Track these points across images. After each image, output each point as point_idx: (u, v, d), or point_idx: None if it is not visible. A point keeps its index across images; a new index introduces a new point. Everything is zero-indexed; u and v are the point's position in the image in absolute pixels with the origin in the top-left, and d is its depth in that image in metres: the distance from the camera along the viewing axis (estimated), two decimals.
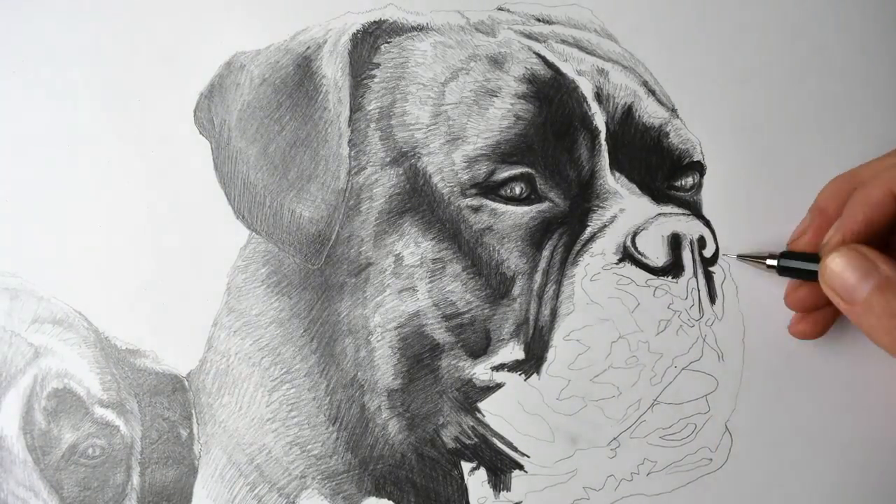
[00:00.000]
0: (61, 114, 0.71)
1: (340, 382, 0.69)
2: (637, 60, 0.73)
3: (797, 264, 0.67)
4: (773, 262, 0.68)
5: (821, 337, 0.70)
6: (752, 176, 0.73)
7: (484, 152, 0.68)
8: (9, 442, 0.67)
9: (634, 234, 0.68)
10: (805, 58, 0.74)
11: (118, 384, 0.70)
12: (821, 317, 0.69)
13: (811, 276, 0.66)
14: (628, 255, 0.67)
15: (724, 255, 0.70)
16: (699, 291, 0.69)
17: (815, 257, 0.67)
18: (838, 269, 0.62)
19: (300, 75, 0.70)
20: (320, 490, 0.70)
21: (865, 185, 0.65)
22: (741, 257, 0.70)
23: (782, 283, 0.71)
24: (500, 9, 0.74)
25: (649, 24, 0.74)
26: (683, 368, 0.68)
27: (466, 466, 0.70)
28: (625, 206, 0.68)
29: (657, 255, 0.67)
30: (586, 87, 0.70)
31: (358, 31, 0.70)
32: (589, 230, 0.68)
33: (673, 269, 0.68)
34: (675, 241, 0.68)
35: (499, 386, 0.68)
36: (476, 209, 0.68)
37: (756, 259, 0.69)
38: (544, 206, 0.68)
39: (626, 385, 0.67)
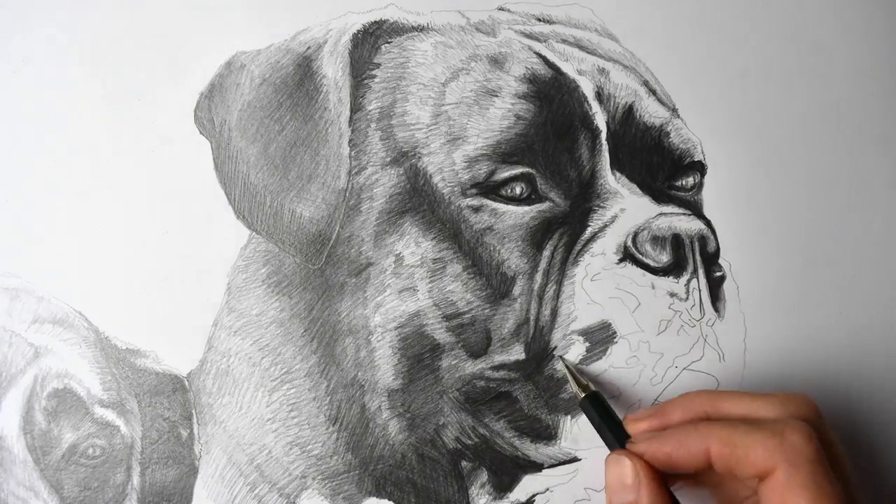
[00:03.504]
0: (61, 114, 0.71)
1: (341, 382, 0.69)
2: (638, 60, 0.73)
3: (610, 437, 0.65)
4: (582, 394, 0.66)
5: None
6: (752, 176, 0.73)
7: (484, 152, 0.68)
8: (9, 442, 0.67)
9: (635, 234, 0.68)
10: (805, 58, 0.74)
11: (118, 384, 0.70)
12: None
13: (609, 445, 0.65)
14: (629, 254, 0.68)
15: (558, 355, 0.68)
16: (700, 291, 0.69)
17: (625, 438, 0.64)
18: (615, 468, 0.63)
19: (301, 75, 0.70)
20: (320, 490, 0.70)
21: (697, 429, 0.62)
22: (567, 368, 0.67)
23: (782, 283, 0.71)
24: (501, 9, 0.74)
25: (650, 23, 0.74)
26: (684, 369, 0.68)
27: (467, 467, 0.70)
28: (625, 206, 0.68)
29: (658, 254, 0.67)
30: (587, 87, 0.70)
31: (358, 31, 0.70)
32: (589, 230, 0.68)
33: (674, 269, 0.68)
34: (675, 241, 0.68)
35: (500, 387, 0.68)
36: (476, 209, 0.68)
37: (575, 378, 0.67)
38: (545, 205, 0.68)
39: (627, 385, 0.67)
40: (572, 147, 0.69)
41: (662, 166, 0.71)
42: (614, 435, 0.65)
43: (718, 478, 0.64)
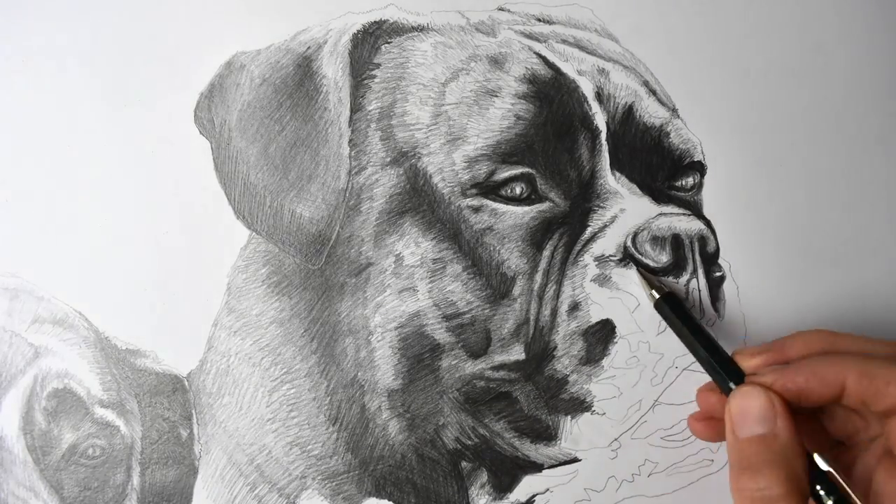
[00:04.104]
0: (61, 114, 0.71)
1: (341, 383, 0.69)
2: (638, 60, 0.73)
3: (719, 373, 0.64)
4: (655, 296, 0.66)
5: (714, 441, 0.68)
6: (752, 176, 0.73)
7: (484, 152, 0.68)
8: (9, 442, 0.67)
9: (635, 234, 0.68)
10: (805, 58, 0.74)
11: (118, 384, 0.70)
12: (720, 427, 0.65)
13: (725, 388, 0.63)
14: (629, 255, 0.67)
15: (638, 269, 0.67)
16: (700, 291, 0.69)
17: (739, 375, 0.63)
18: (746, 401, 0.61)
19: (300, 75, 0.70)
20: (320, 490, 0.70)
21: (830, 357, 0.62)
22: (639, 272, 0.67)
23: (782, 282, 0.71)
24: (501, 9, 0.74)
25: (649, 24, 0.74)
26: (684, 369, 0.68)
27: (467, 467, 0.70)
28: (625, 206, 0.68)
29: (658, 255, 0.67)
30: (587, 87, 0.70)
31: (358, 31, 0.70)
32: (589, 230, 0.68)
33: (674, 269, 0.68)
34: (675, 241, 0.68)
35: (500, 387, 0.68)
36: (476, 209, 0.68)
37: (647, 283, 0.67)
38: (545, 206, 0.68)
39: (627, 385, 0.67)
40: (572, 147, 0.69)
41: (662, 166, 0.71)
42: (724, 370, 0.63)
43: (840, 414, 0.63)
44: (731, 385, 0.62)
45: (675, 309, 0.66)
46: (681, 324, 0.65)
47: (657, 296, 0.66)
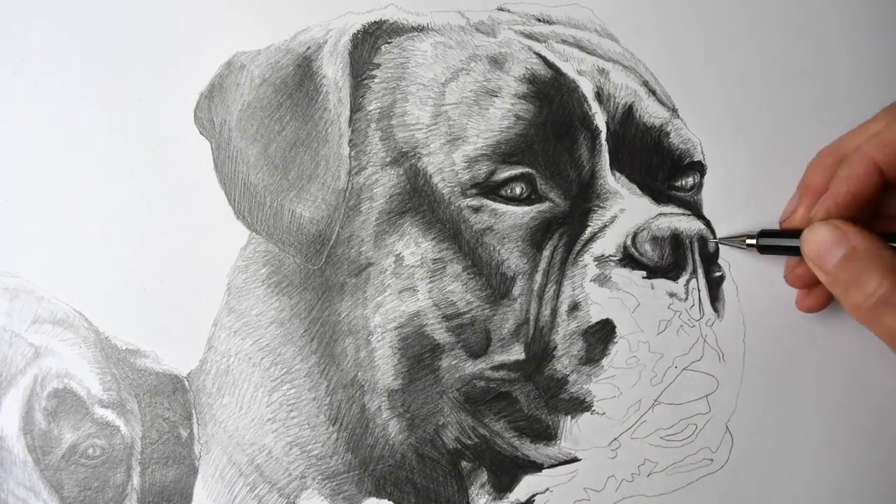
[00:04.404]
0: (61, 114, 0.71)
1: (341, 383, 0.69)
2: (637, 60, 0.73)
3: (777, 241, 0.68)
4: (753, 242, 0.69)
5: (823, 309, 0.71)
6: (752, 176, 0.73)
7: (484, 152, 0.68)
8: (9, 442, 0.67)
9: (635, 234, 0.67)
10: (805, 58, 0.74)
11: (118, 384, 0.70)
12: (823, 292, 0.69)
13: (795, 252, 0.67)
14: (628, 255, 0.67)
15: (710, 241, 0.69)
16: (699, 291, 0.69)
17: (794, 233, 0.67)
18: (813, 241, 0.64)
19: (300, 75, 0.70)
20: (320, 490, 0.70)
21: (849, 157, 0.66)
22: (722, 241, 0.70)
23: (782, 283, 0.71)
24: (501, 9, 0.74)
25: (649, 24, 0.74)
26: (684, 369, 0.68)
27: (467, 467, 0.70)
28: (625, 206, 0.68)
29: (657, 255, 0.67)
30: (587, 87, 0.70)
31: (358, 31, 0.70)
32: (589, 230, 0.68)
33: (673, 269, 0.68)
34: (675, 241, 0.68)
35: (500, 387, 0.68)
36: (476, 209, 0.68)
37: (736, 239, 0.70)
38: (545, 206, 0.68)
39: (627, 385, 0.67)
40: (572, 147, 0.69)
41: (662, 166, 0.71)
42: (779, 237, 0.68)
43: (892, 193, 0.67)
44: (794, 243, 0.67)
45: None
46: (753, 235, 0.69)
47: (753, 242, 0.69)
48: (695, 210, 0.71)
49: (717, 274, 0.69)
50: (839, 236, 0.63)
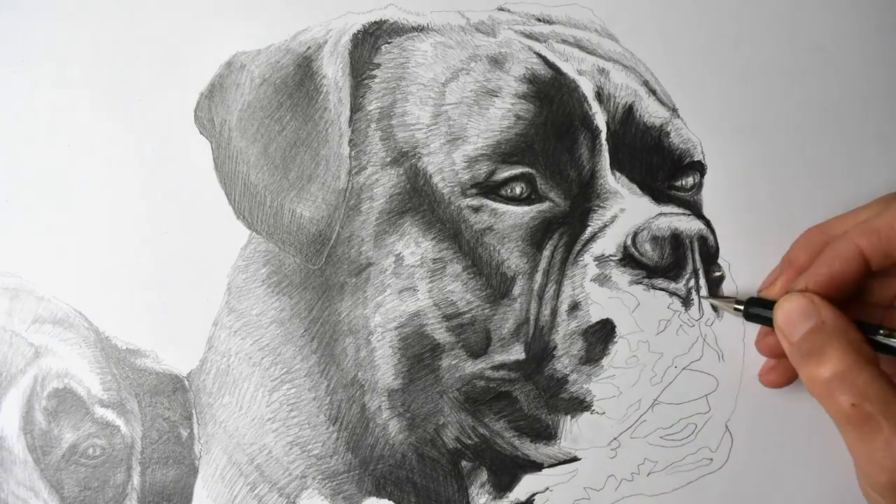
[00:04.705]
0: (61, 114, 0.71)
1: (341, 382, 0.69)
2: (638, 60, 0.73)
3: (760, 311, 0.67)
4: (740, 307, 0.68)
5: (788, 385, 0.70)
6: (752, 176, 0.73)
7: (484, 152, 0.68)
8: (9, 442, 0.67)
9: (635, 234, 0.68)
10: (805, 58, 0.74)
11: (118, 384, 0.70)
12: (788, 367, 0.68)
13: (769, 322, 0.67)
14: (629, 254, 0.67)
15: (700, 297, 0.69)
16: (699, 291, 0.69)
17: (773, 303, 0.67)
18: (785, 309, 0.64)
19: (301, 75, 0.70)
20: (320, 490, 0.70)
21: (835, 240, 0.66)
22: (711, 299, 0.69)
23: None
24: (501, 9, 0.74)
25: (649, 24, 0.74)
26: (684, 368, 0.68)
27: (467, 466, 0.70)
28: (625, 206, 0.68)
29: (657, 254, 0.67)
30: (587, 87, 0.70)
31: (358, 31, 0.70)
32: (589, 230, 0.68)
33: (673, 268, 0.68)
34: (675, 241, 0.68)
35: (500, 387, 0.68)
36: (476, 209, 0.68)
37: (725, 301, 0.69)
38: (545, 205, 0.68)
39: (627, 385, 0.67)
40: (572, 147, 0.69)
41: (662, 166, 0.71)
42: (763, 308, 0.67)
43: (875, 288, 0.67)
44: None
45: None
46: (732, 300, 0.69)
47: (741, 308, 0.68)
48: (695, 210, 0.72)
49: (717, 274, 0.70)
50: (810, 308, 0.63)
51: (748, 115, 0.73)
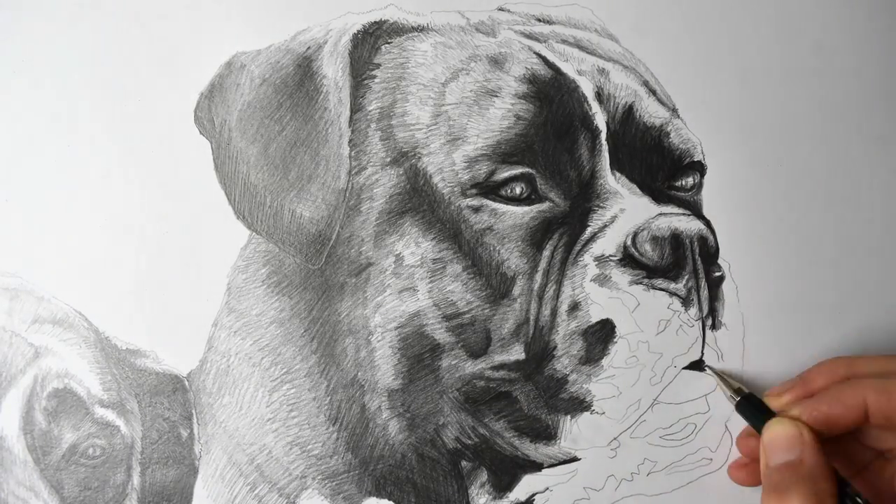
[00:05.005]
0: (61, 114, 0.71)
1: (341, 382, 0.69)
2: (637, 60, 0.73)
3: (752, 414, 0.68)
4: (735, 398, 0.68)
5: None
6: (751, 176, 0.73)
7: (484, 152, 0.68)
8: (9, 442, 0.67)
9: (635, 234, 0.67)
10: (805, 58, 0.74)
11: (118, 384, 0.70)
12: (756, 469, 0.68)
13: (759, 428, 0.67)
14: (629, 254, 0.67)
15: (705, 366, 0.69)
16: (699, 291, 0.69)
17: (771, 415, 0.67)
18: (774, 433, 0.65)
19: (301, 75, 0.70)
20: (320, 490, 0.70)
21: (850, 383, 0.66)
22: (713, 374, 0.69)
23: (782, 283, 0.71)
24: (501, 9, 0.74)
25: (649, 24, 0.74)
26: (683, 368, 0.68)
27: (467, 466, 0.70)
28: (625, 206, 0.68)
29: (657, 254, 0.67)
30: (587, 87, 0.70)
31: (358, 31, 0.70)
32: (589, 230, 0.68)
33: (673, 268, 0.68)
34: (675, 241, 0.68)
35: (500, 387, 0.68)
36: (476, 209, 0.68)
37: (725, 383, 0.69)
38: (545, 206, 0.68)
39: (626, 385, 0.67)
40: (572, 147, 0.69)
41: (662, 166, 0.71)
42: (758, 411, 0.67)
43: (874, 432, 0.66)
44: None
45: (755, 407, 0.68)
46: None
47: (736, 398, 0.68)
48: (695, 210, 0.72)
49: (717, 274, 0.69)
50: (796, 441, 0.64)
51: (748, 115, 0.73)
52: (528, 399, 0.68)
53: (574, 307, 0.67)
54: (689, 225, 0.68)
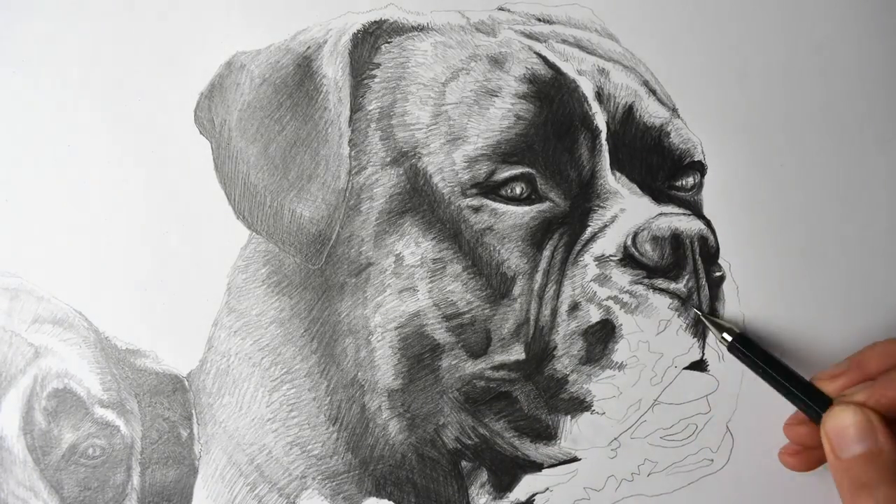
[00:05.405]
0: (61, 114, 0.71)
1: (341, 382, 0.69)
2: (638, 60, 0.73)
3: (804, 402, 0.65)
4: (727, 339, 0.67)
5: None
6: (752, 176, 0.73)
7: (484, 152, 0.68)
8: (9, 442, 0.67)
9: (635, 234, 0.68)
10: (805, 58, 0.74)
11: (118, 384, 0.70)
12: (814, 457, 0.67)
13: (813, 415, 0.64)
14: (629, 254, 0.67)
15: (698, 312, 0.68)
16: (699, 291, 0.69)
17: (826, 401, 0.64)
18: (841, 421, 0.61)
19: (301, 75, 0.70)
20: (320, 490, 0.70)
21: None
22: (704, 316, 0.67)
23: (782, 283, 0.71)
24: (501, 9, 0.74)
25: (649, 24, 0.74)
26: (684, 368, 0.68)
27: (467, 466, 0.70)
28: (625, 206, 0.68)
29: (658, 254, 0.67)
30: (587, 87, 0.70)
31: (358, 30, 0.70)
32: (589, 230, 0.68)
33: (673, 268, 0.68)
34: (675, 241, 0.68)
35: (500, 387, 0.68)
36: (476, 209, 0.68)
37: (717, 326, 0.67)
38: (545, 205, 0.68)
39: (627, 385, 0.67)
40: (572, 147, 0.69)
41: (662, 166, 0.71)
42: (804, 393, 0.64)
43: None
44: (820, 411, 0.63)
45: (748, 348, 0.66)
46: (758, 361, 0.66)
47: (729, 339, 0.67)
48: (695, 210, 0.71)
49: (718, 274, 0.69)
50: (868, 429, 0.60)
51: (748, 115, 0.73)
52: (529, 399, 0.68)
53: (574, 307, 0.67)
54: (689, 225, 0.68)
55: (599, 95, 0.70)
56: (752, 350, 0.67)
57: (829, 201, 0.73)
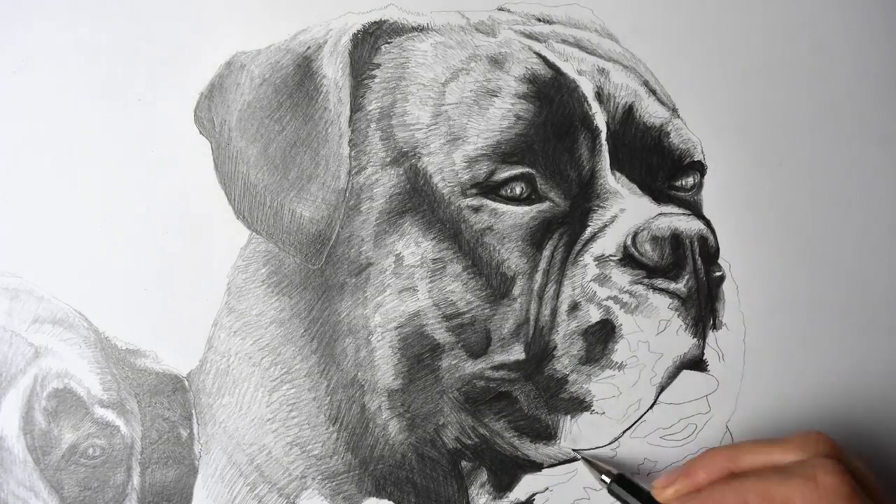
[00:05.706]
0: (61, 114, 0.71)
1: (341, 382, 0.69)
2: (638, 60, 0.73)
3: (625, 495, 0.67)
4: (606, 481, 0.68)
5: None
6: (752, 176, 0.73)
7: (484, 152, 0.68)
8: (9, 442, 0.67)
9: (635, 234, 0.67)
10: (805, 58, 0.74)
11: (118, 384, 0.70)
12: None
13: None
14: (629, 254, 0.67)
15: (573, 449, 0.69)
16: (699, 291, 0.68)
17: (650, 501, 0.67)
18: None
19: (300, 75, 0.70)
20: (320, 490, 0.70)
21: (732, 485, 0.64)
22: (583, 458, 0.69)
23: (782, 283, 0.71)
24: (501, 9, 0.74)
25: (649, 23, 0.74)
26: (684, 369, 0.68)
27: (467, 466, 0.70)
28: (625, 206, 0.68)
29: (657, 254, 0.67)
30: (587, 87, 0.70)
31: (358, 31, 0.70)
32: (589, 230, 0.68)
33: (673, 268, 0.68)
34: (675, 241, 0.68)
35: (500, 387, 0.68)
36: (476, 209, 0.68)
37: (597, 469, 0.68)
38: (545, 205, 0.68)
39: (627, 385, 0.67)
40: (572, 147, 0.69)
41: (662, 166, 0.71)
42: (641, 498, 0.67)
43: None
44: None
45: (629, 489, 0.68)
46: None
47: (608, 480, 0.68)
48: (695, 210, 0.72)
49: (718, 274, 0.69)
50: None
51: (748, 115, 0.73)
52: (528, 399, 0.68)
53: (574, 307, 0.67)
54: (689, 225, 0.68)
55: (599, 95, 0.70)
56: (633, 490, 0.68)
57: (829, 201, 0.73)
